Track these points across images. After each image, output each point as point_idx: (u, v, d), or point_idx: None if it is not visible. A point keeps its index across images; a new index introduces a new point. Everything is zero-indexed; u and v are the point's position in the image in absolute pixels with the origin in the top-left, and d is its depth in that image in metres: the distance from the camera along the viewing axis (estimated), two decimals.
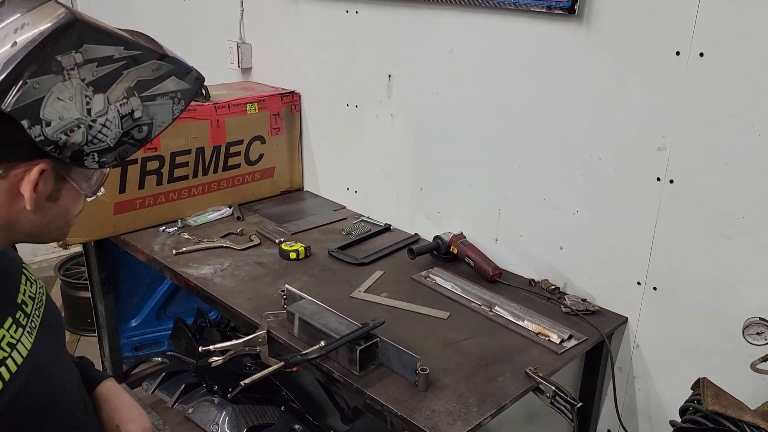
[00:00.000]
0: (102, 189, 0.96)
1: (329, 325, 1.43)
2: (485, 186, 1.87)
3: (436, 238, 1.90)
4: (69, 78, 0.78)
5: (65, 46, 0.77)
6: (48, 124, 0.78)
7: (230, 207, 2.23)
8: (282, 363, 1.34)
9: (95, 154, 0.84)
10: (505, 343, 1.50)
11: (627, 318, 1.65)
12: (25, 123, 0.76)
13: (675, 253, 1.52)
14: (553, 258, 1.77)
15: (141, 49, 0.85)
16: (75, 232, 1.46)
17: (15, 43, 0.75)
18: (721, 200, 1.42)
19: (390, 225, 2.15)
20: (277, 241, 1.97)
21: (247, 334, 1.49)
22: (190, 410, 2.27)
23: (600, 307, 1.67)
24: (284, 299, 1.58)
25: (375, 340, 1.38)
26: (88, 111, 0.81)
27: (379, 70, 2.05)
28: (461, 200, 1.95)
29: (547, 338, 1.51)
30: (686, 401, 1.22)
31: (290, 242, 1.93)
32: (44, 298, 1.03)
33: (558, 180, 1.69)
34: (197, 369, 2.36)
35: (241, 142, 2.22)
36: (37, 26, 0.76)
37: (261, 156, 2.30)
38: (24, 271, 1.03)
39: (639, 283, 1.60)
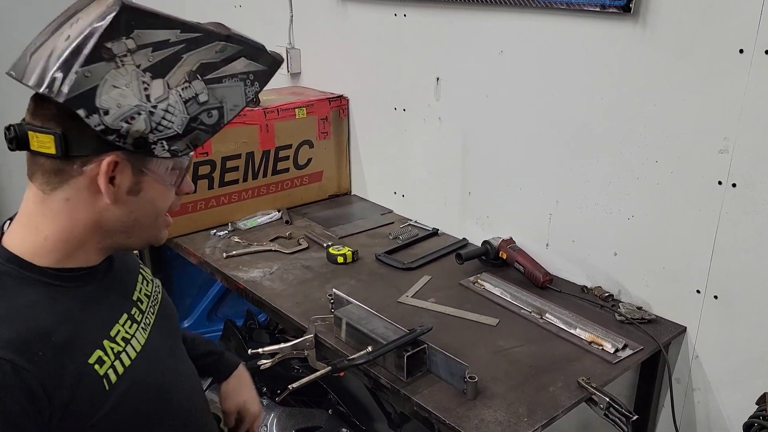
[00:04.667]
0: (191, 185, 0.97)
1: (376, 331, 1.42)
2: (536, 190, 1.83)
3: (485, 243, 1.87)
4: (123, 65, 0.77)
5: (115, 33, 0.77)
6: (106, 113, 0.77)
7: (279, 211, 2.25)
8: (329, 368, 1.34)
9: (164, 142, 0.83)
10: (557, 351, 1.47)
11: (685, 327, 1.58)
12: (81, 112, 0.76)
13: (738, 261, 1.45)
14: (606, 264, 1.71)
15: (201, 32, 0.82)
16: None
17: (68, 37, 0.77)
18: None
19: (438, 229, 2.13)
20: (324, 245, 1.98)
21: (295, 338, 1.50)
22: None
23: (657, 316, 1.61)
24: (332, 303, 1.58)
25: (423, 347, 1.37)
26: (147, 97, 0.79)
27: (427, 73, 2.03)
28: (511, 205, 1.91)
29: (601, 347, 1.47)
30: (751, 416, 1.16)
31: (338, 246, 1.93)
32: (160, 296, 1.07)
33: (612, 184, 1.64)
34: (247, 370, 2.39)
35: (289, 146, 2.25)
36: (88, 18, 0.77)
37: (309, 160, 2.32)
38: (141, 270, 1.07)
39: (698, 292, 1.54)
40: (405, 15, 2.04)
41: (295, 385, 1.29)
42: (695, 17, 1.39)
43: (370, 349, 1.35)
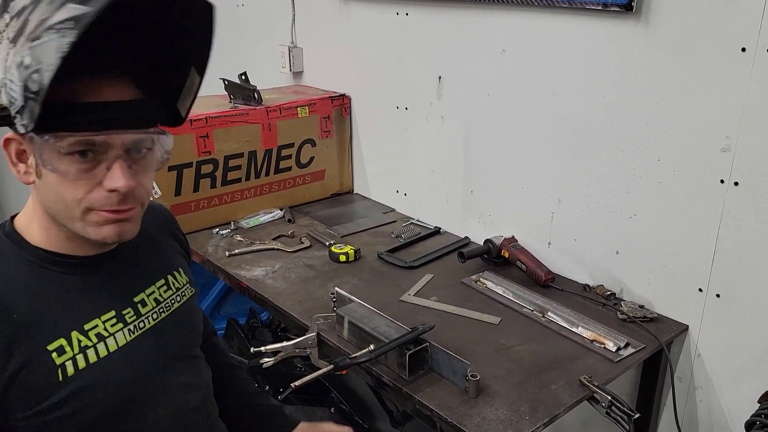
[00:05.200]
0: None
1: (378, 329, 1.42)
2: (538, 189, 1.83)
3: (487, 241, 1.87)
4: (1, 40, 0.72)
5: None
6: None
7: (281, 209, 2.26)
8: (331, 366, 1.34)
9: (17, 116, 0.74)
10: (559, 350, 1.47)
11: (687, 326, 1.58)
12: None
13: (740, 259, 1.45)
14: (608, 263, 1.71)
15: None
16: None
17: None
18: None
19: (440, 228, 2.14)
20: (327, 243, 1.99)
21: (298, 336, 1.51)
22: None
23: (659, 315, 1.61)
24: (334, 302, 1.59)
25: (425, 345, 1.37)
26: (5, 69, 0.73)
27: (429, 72, 2.03)
28: (513, 203, 1.92)
29: (603, 346, 1.47)
30: (753, 415, 1.16)
31: (340, 245, 1.94)
32: (176, 306, 1.02)
33: (614, 182, 1.64)
34: (249, 368, 2.39)
35: (292, 145, 2.25)
36: None
37: (312, 159, 2.32)
38: (170, 276, 1.03)
39: (701, 290, 1.54)
40: (407, 14, 2.04)
41: (297, 383, 1.30)
42: (697, 16, 1.39)
43: (372, 347, 1.35)
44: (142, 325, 0.94)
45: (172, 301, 1.02)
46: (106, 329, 0.89)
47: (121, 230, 0.87)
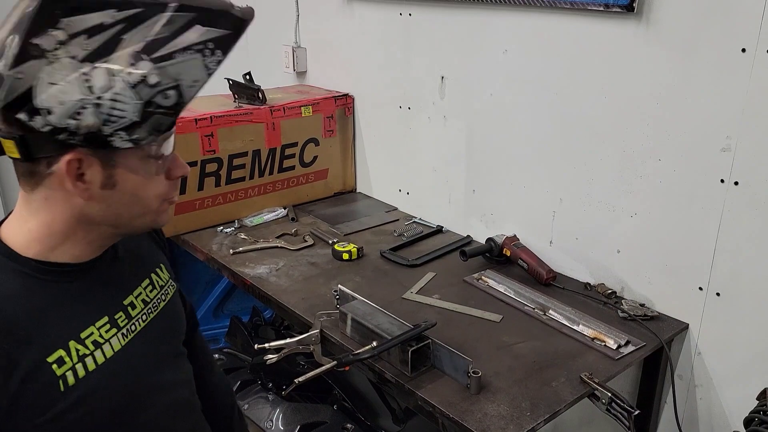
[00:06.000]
0: (183, 167, 0.91)
1: (381, 326, 1.44)
2: (539, 188, 1.84)
3: (489, 240, 1.89)
4: (57, 59, 0.72)
5: (39, 27, 0.71)
6: (50, 112, 0.73)
7: (285, 208, 2.27)
8: (335, 362, 1.36)
9: (122, 133, 0.77)
10: (560, 347, 1.48)
11: (688, 324, 1.59)
12: (22, 116, 0.73)
13: (739, 258, 1.47)
14: (609, 262, 1.73)
15: (141, 6, 0.74)
16: None
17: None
18: None
19: (442, 227, 2.15)
20: (330, 241, 2.00)
21: (301, 333, 1.52)
22: (246, 406, 2.32)
23: (659, 313, 1.62)
24: (337, 299, 1.60)
25: (427, 342, 1.38)
26: (90, 89, 0.73)
27: (432, 72, 2.05)
28: (515, 202, 1.93)
29: (603, 343, 1.48)
30: (751, 412, 1.17)
31: (343, 243, 1.95)
32: (162, 305, 1.02)
33: (615, 182, 1.66)
34: (253, 366, 2.41)
35: (295, 144, 2.26)
36: (14, 15, 0.72)
37: (315, 158, 2.34)
38: (153, 275, 1.03)
39: (701, 289, 1.55)
40: (410, 14, 2.05)
41: (301, 378, 1.31)
42: (698, 16, 1.40)
43: (375, 344, 1.37)
44: (133, 328, 0.94)
45: (159, 301, 1.02)
46: (101, 335, 0.88)
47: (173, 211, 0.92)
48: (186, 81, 0.77)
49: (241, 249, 1.96)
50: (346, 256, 1.90)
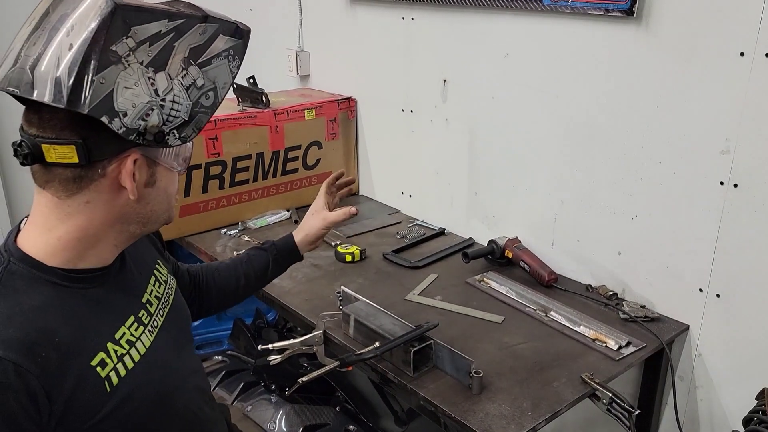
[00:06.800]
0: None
1: (384, 327, 1.45)
2: (541, 190, 1.86)
3: (491, 242, 1.90)
4: (129, 65, 0.79)
5: (115, 34, 0.77)
6: (125, 114, 0.79)
7: (288, 210, 2.29)
8: (338, 362, 1.37)
9: (175, 131, 0.85)
10: (561, 348, 1.49)
11: (688, 326, 1.60)
12: (105, 119, 0.78)
13: (739, 260, 1.48)
14: (610, 263, 1.74)
15: (183, 17, 0.84)
16: None
17: (71, 46, 0.77)
18: None
19: (444, 229, 2.16)
20: (333, 244, 2.01)
21: (304, 335, 1.53)
22: (249, 408, 2.34)
23: (660, 314, 1.63)
24: (340, 300, 1.61)
25: (429, 342, 1.39)
26: (155, 92, 0.82)
27: (434, 75, 2.06)
28: (516, 204, 1.94)
29: (604, 344, 1.49)
30: (750, 411, 1.18)
31: (346, 245, 1.97)
32: (171, 298, 1.07)
33: (616, 184, 1.67)
34: (256, 368, 2.42)
35: (299, 147, 2.28)
36: (84, 24, 0.77)
37: (318, 161, 2.36)
38: (156, 271, 1.07)
39: (701, 290, 1.56)
40: (413, 18, 2.07)
41: (304, 378, 1.32)
42: (697, 20, 1.42)
43: (377, 344, 1.38)
44: (155, 323, 0.99)
45: (168, 296, 1.07)
46: (132, 334, 0.93)
47: None
48: (219, 83, 0.89)
49: (244, 251, 1.97)
50: (349, 258, 1.92)
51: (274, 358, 1.46)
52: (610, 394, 1.30)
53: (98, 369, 0.85)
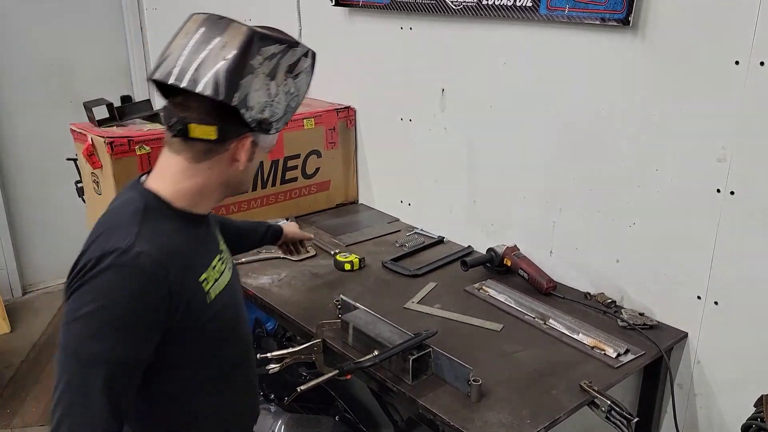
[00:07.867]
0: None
1: (383, 335, 1.45)
2: (539, 198, 1.86)
3: (490, 250, 1.91)
4: (258, 74, 1.07)
5: (253, 52, 1.06)
6: (252, 108, 1.07)
7: (287, 219, 2.29)
8: (336, 371, 1.37)
9: (275, 123, 1.13)
10: (560, 356, 1.49)
11: (687, 333, 1.61)
12: (243, 111, 1.06)
13: (737, 267, 1.48)
14: (609, 271, 1.74)
15: (285, 42, 1.11)
16: None
17: (226, 58, 1.05)
18: None
19: (443, 237, 2.17)
20: (332, 252, 2.02)
21: (303, 344, 1.53)
22: None
23: (658, 322, 1.63)
24: (339, 309, 1.62)
25: (428, 350, 1.40)
26: (269, 94, 1.09)
27: (432, 85, 2.08)
28: (515, 213, 1.95)
29: (603, 352, 1.49)
30: (749, 418, 1.19)
31: (345, 253, 1.97)
32: (230, 263, 1.31)
33: (614, 192, 1.68)
34: None
35: (298, 156, 2.29)
36: (234, 43, 1.06)
37: (317, 170, 2.36)
38: (218, 235, 1.32)
39: (699, 298, 1.56)
40: (411, 28, 2.09)
41: (303, 387, 1.32)
42: (693, 30, 1.43)
43: (376, 352, 1.38)
44: (229, 266, 1.26)
45: (229, 258, 1.30)
46: (219, 269, 1.20)
47: None
48: (302, 91, 1.18)
49: (243, 260, 1.98)
50: (348, 267, 1.92)
51: (273, 367, 1.46)
52: (609, 402, 1.30)
53: (204, 284, 1.13)
